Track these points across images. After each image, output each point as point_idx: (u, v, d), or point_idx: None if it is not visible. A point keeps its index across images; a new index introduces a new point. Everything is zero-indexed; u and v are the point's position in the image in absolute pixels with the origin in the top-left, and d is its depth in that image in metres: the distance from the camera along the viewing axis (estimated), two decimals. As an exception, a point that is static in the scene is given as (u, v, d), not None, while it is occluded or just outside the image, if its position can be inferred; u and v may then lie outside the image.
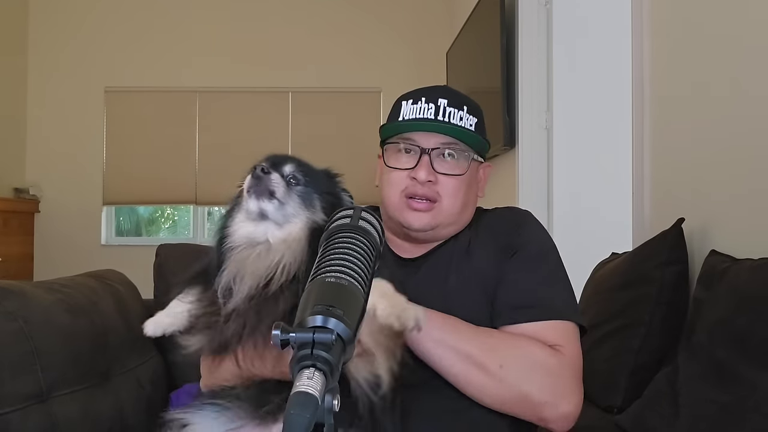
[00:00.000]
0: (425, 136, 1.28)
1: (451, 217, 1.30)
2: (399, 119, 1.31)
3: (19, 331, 1.40)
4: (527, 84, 3.28)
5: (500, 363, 1.15)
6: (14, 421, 1.34)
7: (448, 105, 1.28)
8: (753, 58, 1.71)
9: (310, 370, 0.61)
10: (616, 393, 1.79)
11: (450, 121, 1.28)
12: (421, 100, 1.30)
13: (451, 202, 1.29)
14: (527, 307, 1.22)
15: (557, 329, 1.22)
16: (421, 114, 1.29)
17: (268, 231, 1.08)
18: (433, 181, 1.28)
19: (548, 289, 1.26)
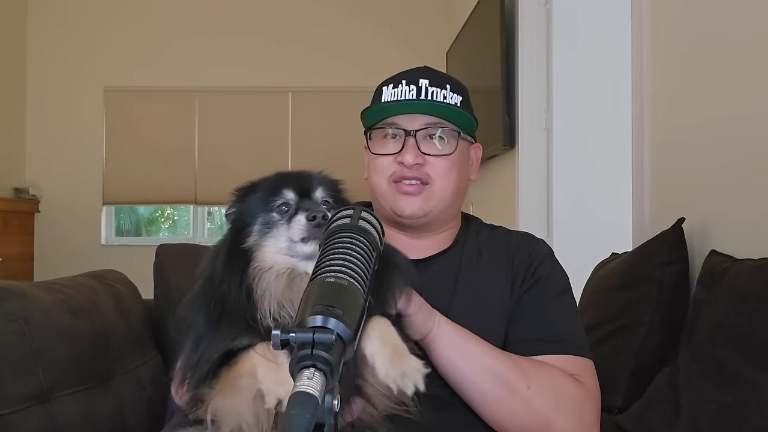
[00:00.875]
0: (408, 119, 1.23)
1: (444, 201, 1.25)
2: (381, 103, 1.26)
3: (19, 331, 1.40)
4: (527, 84, 3.27)
5: (528, 384, 1.12)
6: (15, 421, 1.34)
7: (429, 85, 1.23)
8: (753, 58, 1.71)
9: (310, 370, 0.61)
10: (616, 393, 1.79)
11: (433, 100, 1.23)
12: (402, 83, 1.25)
13: (443, 184, 1.24)
14: (550, 339, 1.20)
15: (578, 364, 1.20)
16: (402, 96, 1.24)
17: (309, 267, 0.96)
18: (422, 163, 1.22)
19: (570, 324, 1.24)
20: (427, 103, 1.22)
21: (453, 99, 1.24)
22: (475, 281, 1.26)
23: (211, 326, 0.97)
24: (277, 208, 1.02)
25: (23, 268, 5.09)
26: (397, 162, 1.23)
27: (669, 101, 2.18)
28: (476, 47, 3.93)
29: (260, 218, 1.02)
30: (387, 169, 1.24)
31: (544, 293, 1.24)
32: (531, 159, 3.25)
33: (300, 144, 5.56)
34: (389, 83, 1.27)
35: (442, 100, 1.23)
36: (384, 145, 1.26)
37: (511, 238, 1.33)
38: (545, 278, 1.25)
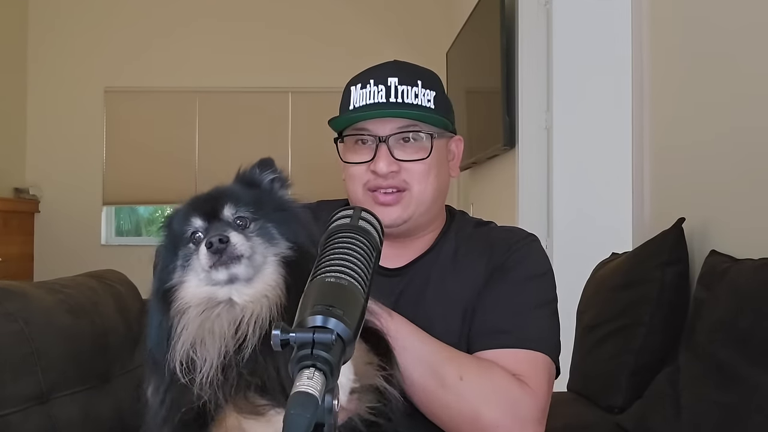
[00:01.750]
0: (379, 123, 1.16)
1: (424, 205, 1.19)
2: (350, 108, 1.19)
3: (19, 332, 1.40)
4: (527, 84, 3.28)
5: (460, 376, 1.07)
6: (14, 422, 1.34)
7: (399, 83, 1.16)
8: (753, 57, 1.71)
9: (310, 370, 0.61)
10: (617, 393, 1.79)
11: (404, 101, 1.16)
12: (370, 82, 1.17)
13: (421, 188, 1.18)
14: (500, 332, 1.14)
15: (526, 359, 1.13)
16: (371, 99, 1.17)
17: (234, 291, 0.93)
18: (397, 170, 1.17)
19: (526, 316, 1.17)
20: (398, 105, 1.16)
21: (426, 96, 1.18)
22: (446, 280, 1.21)
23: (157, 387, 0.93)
24: (190, 238, 0.96)
25: (23, 268, 5.09)
26: (371, 170, 1.17)
27: (669, 101, 2.18)
28: (476, 47, 3.93)
29: (180, 251, 0.97)
30: (361, 177, 1.19)
31: (505, 282, 1.18)
32: (531, 159, 3.26)
33: (300, 144, 5.56)
34: (357, 83, 1.20)
35: (413, 100, 1.16)
36: (356, 152, 1.20)
37: (491, 234, 1.27)
38: (511, 267, 1.19)
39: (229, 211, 0.97)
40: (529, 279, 1.20)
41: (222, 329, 0.90)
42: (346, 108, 1.21)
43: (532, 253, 1.24)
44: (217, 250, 0.91)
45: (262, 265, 0.95)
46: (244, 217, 0.97)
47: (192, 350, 0.90)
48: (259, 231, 0.97)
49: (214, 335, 0.90)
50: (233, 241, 0.92)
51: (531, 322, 1.17)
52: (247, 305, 0.92)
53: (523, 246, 1.23)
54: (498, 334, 1.15)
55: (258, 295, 0.93)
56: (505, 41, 3.37)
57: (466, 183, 4.73)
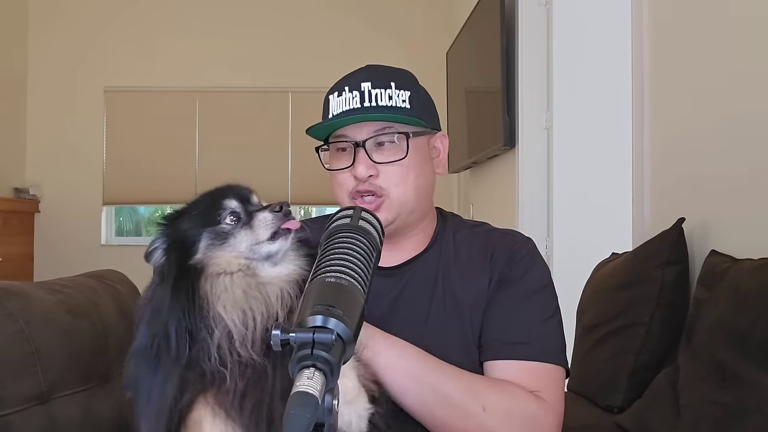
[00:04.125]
0: (356, 129, 1.18)
1: (406, 206, 1.19)
2: (329, 116, 1.21)
3: (19, 332, 1.40)
4: (527, 84, 3.28)
5: (483, 407, 1.08)
6: (14, 422, 1.34)
7: (372, 87, 1.17)
8: (754, 58, 1.71)
9: (310, 370, 0.61)
10: (616, 393, 1.79)
11: (378, 104, 1.16)
12: (345, 89, 1.19)
13: (399, 191, 1.18)
14: (517, 343, 1.16)
15: (544, 372, 1.16)
16: (347, 105, 1.18)
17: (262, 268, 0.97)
18: (375, 174, 1.17)
19: (541, 327, 1.19)
20: (371, 109, 1.16)
21: (400, 96, 1.18)
22: (452, 285, 1.21)
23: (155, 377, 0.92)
24: (225, 218, 0.98)
25: (23, 268, 5.09)
26: (352, 176, 1.18)
27: (669, 101, 2.18)
28: (476, 47, 3.93)
29: (206, 233, 0.97)
30: (346, 185, 1.20)
31: (516, 293, 1.20)
32: (531, 159, 3.26)
33: (300, 144, 5.55)
34: (334, 91, 1.22)
35: (387, 102, 1.17)
36: (337, 160, 1.21)
37: (491, 237, 1.27)
38: (519, 278, 1.21)
39: (256, 198, 1.02)
40: (538, 290, 1.22)
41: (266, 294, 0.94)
42: (325, 117, 1.22)
43: (537, 262, 1.25)
44: (286, 213, 0.96)
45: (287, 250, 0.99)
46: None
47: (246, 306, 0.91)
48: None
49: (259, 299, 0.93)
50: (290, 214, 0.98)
51: (543, 333, 1.19)
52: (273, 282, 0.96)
53: (526, 254, 1.25)
54: (512, 345, 1.16)
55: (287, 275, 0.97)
56: (505, 41, 3.37)
57: (466, 183, 4.73)
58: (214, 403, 0.89)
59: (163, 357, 0.92)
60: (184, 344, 0.90)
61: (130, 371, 0.97)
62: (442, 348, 1.15)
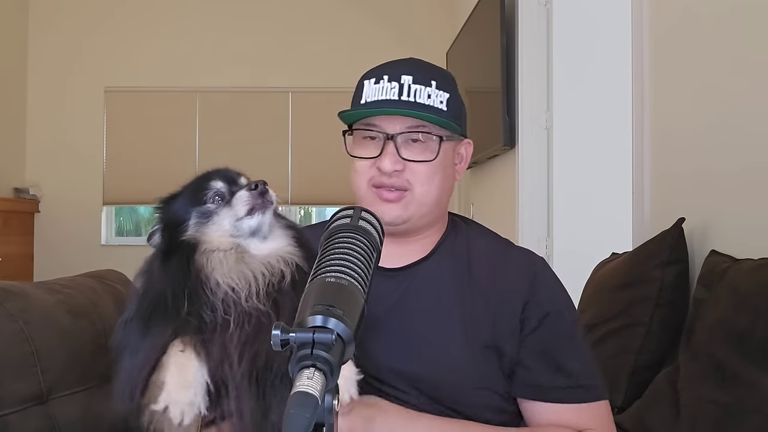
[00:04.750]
0: (389, 120, 1.14)
1: (425, 207, 1.17)
2: (361, 102, 1.18)
3: (19, 332, 1.40)
4: (527, 84, 3.28)
5: None
6: (14, 422, 1.34)
7: (413, 82, 1.14)
8: (754, 58, 1.71)
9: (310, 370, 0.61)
10: (616, 393, 1.79)
11: (416, 101, 1.13)
12: (383, 78, 1.15)
13: (424, 190, 1.16)
14: (564, 387, 1.13)
15: (593, 411, 1.14)
16: (383, 95, 1.14)
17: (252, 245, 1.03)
18: (401, 169, 1.14)
19: (584, 366, 1.17)
20: (409, 105, 1.13)
21: (439, 97, 1.15)
22: (464, 296, 1.17)
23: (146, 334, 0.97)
24: (210, 198, 1.05)
25: (23, 268, 5.09)
26: (376, 167, 1.15)
27: (669, 101, 2.18)
28: (476, 47, 3.93)
29: (194, 212, 1.04)
30: (366, 173, 1.17)
31: (555, 332, 1.16)
32: (531, 159, 3.26)
33: (300, 144, 5.56)
34: (371, 77, 1.18)
35: (425, 101, 1.14)
36: (363, 147, 1.18)
37: (508, 256, 1.23)
38: (554, 312, 1.17)
39: (245, 180, 1.08)
40: (574, 320, 1.22)
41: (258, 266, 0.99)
42: (357, 101, 1.19)
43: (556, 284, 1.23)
44: (261, 192, 1.03)
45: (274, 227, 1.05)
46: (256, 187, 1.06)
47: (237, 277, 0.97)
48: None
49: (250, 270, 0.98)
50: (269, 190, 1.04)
51: (590, 371, 1.17)
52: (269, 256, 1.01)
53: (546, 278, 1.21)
54: (564, 389, 1.14)
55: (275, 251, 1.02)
56: (505, 41, 3.37)
57: (467, 183, 4.73)
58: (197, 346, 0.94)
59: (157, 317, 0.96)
60: (182, 302, 0.96)
61: (118, 336, 1.01)
62: (443, 354, 1.13)
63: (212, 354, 0.94)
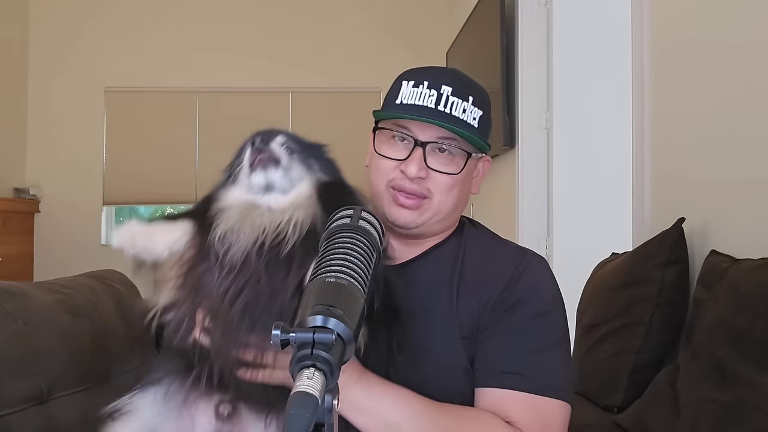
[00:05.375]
0: (422, 127, 1.15)
1: (439, 215, 1.18)
2: (396, 101, 1.18)
3: (19, 332, 1.40)
4: (527, 84, 3.28)
5: None
6: (14, 422, 1.34)
7: (452, 94, 1.15)
8: (754, 58, 1.71)
9: (310, 370, 0.62)
10: (616, 392, 1.79)
11: (451, 113, 1.14)
12: (423, 84, 1.16)
13: (441, 200, 1.17)
14: (508, 372, 1.10)
15: (531, 404, 1.09)
16: (420, 100, 1.15)
17: (272, 200, 1.04)
18: (424, 177, 1.15)
19: (537, 356, 1.12)
20: (444, 117, 1.14)
21: (473, 113, 1.17)
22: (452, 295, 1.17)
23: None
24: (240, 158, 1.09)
25: (23, 268, 5.09)
26: (400, 169, 1.16)
27: (669, 101, 2.18)
28: (476, 47, 3.93)
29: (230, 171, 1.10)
30: (388, 173, 1.17)
31: (517, 318, 1.13)
32: (531, 159, 3.26)
33: (300, 144, 5.55)
34: (411, 78, 1.19)
35: (460, 114, 1.15)
36: (390, 147, 1.18)
37: (499, 251, 1.23)
38: (522, 301, 1.15)
39: (281, 139, 1.11)
40: (541, 315, 1.15)
41: (262, 224, 1.00)
42: (392, 99, 1.20)
43: (543, 284, 1.20)
44: (258, 148, 1.06)
45: (297, 180, 1.06)
46: (291, 148, 1.10)
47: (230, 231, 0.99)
48: (302, 159, 1.10)
49: (253, 226, 1.00)
50: (272, 146, 1.08)
51: (541, 363, 1.12)
52: (287, 209, 1.02)
53: (531, 274, 1.19)
54: (504, 374, 1.11)
55: (294, 203, 1.03)
56: (505, 41, 3.37)
57: (466, 183, 4.73)
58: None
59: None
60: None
61: None
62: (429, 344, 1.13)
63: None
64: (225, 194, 1.07)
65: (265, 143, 1.07)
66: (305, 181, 1.07)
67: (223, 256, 0.98)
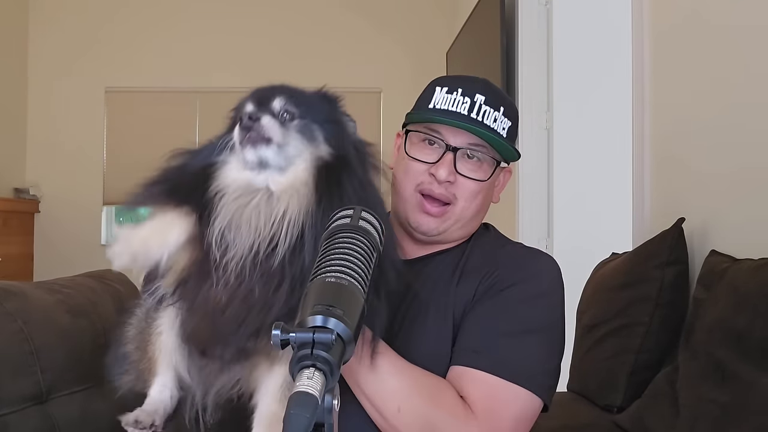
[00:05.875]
0: (454, 132, 1.18)
1: (461, 221, 1.21)
2: (429, 106, 1.20)
3: (19, 331, 1.40)
4: (527, 84, 3.28)
5: (399, 407, 1.03)
6: (13, 422, 1.34)
7: (484, 103, 1.18)
8: (754, 58, 1.71)
9: (310, 370, 0.62)
10: (616, 392, 1.79)
11: (483, 121, 1.17)
12: (457, 91, 1.19)
13: (465, 206, 1.19)
14: (474, 350, 1.09)
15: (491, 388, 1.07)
16: (454, 107, 1.18)
17: (270, 178, 0.97)
18: (453, 180, 1.18)
19: (513, 340, 1.10)
20: (477, 124, 1.17)
21: (502, 123, 1.19)
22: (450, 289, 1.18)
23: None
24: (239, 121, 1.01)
25: (23, 268, 5.09)
26: (429, 172, 1.18)
27: (669, 101, 2.18)
28: (476, 47, 3.93)
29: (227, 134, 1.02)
30: (417, 176, 1.19)
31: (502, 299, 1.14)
32: (531, 159, 3.26)
33: (300, 144, 5.55)
34: (445, 85, 1.21)
35: (491, 123, 1.18)
36: (421, 150, 1.20)
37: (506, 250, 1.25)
38: (514, 285, 1.15)
39: (279, 102, 1.01)
40: (531, 300, 1.15)
41: (258, 223, 0.94)
42: (425, 103, 1.22)
43: (546, 274, 1.20)
44: (245, 126, 0.97)
45: (295, 158, 0.98)
46: (292, 111, 1.01)
47: (227, 230, 0.94)
48: (301, 127, 1.00)
49: (249, 226, 0.94)
50: (263, 122, 0.97)
51: (514, 347, 1.10)
52: (282, 196, 0.95)
53: (533, 264, 1.21)
54: (470, 352, 1.10)
55: (296, 184, 0.96)
56: (505, 41, 3.37)
57: (466, 183, 4.73)
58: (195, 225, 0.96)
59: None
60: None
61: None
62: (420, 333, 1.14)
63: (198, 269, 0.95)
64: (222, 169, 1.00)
65: (254, 119, 0.98)
66: (303, 159, 0.98)
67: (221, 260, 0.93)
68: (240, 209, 0.95)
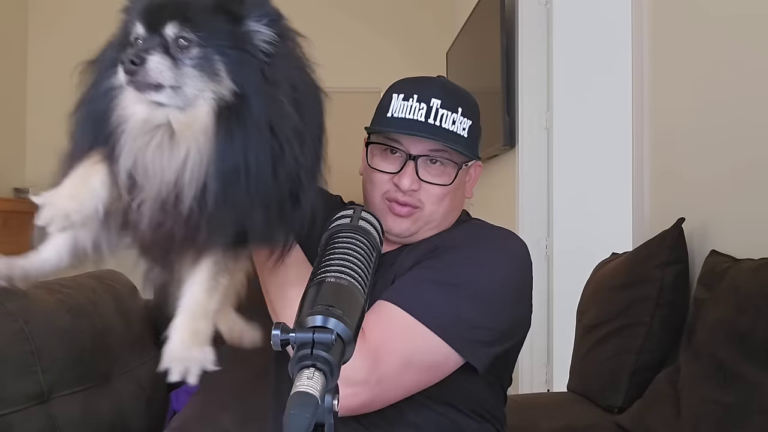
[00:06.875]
0: (413, 141, 1.18)
1: (432, 223, 1.23)
2: (387, 114, 1.21)
3: (19, 331, 1.40)
4: (527, 84, 3.28)
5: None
6: (15, 422, 1.34)
7: (441, 106, 1.18)
8: (754, 58, 1.71)
9: (310, 370, 0.62)
10: (617, 393, 1.79)
11: (441, 126, 1.18)
12: (413, 97, 1.19)
13: (433, 209, 1.21)
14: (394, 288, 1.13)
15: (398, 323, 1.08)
16: (411, 114, 1.18)
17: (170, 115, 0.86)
18: (417, 189, 1.19)
19: (434, 287, 1.11)
20: (434, 130, 1.17)
21: (462, 124, 1.19)
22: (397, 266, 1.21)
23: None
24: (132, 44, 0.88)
25: (23, 269, 5.09)
26: (393, 182, 1.20)
27: (669, 101, 2.18)
28: (476, 47, 3.93)
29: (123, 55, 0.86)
30: (382, 186, 1.21)
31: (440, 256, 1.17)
32: (531, 159, 3.26)
33: (300, 144, 5.54)
34: (401, 92, 1.22)
35: (449, 126, 1.18)
36: (383, 160, 1.22)
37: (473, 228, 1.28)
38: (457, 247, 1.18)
39: (173, 29, 0.85)
40: (468, 259, 1.16)
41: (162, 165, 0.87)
42: (383, 112, 1.23)
43: (494, 243, 1.22)
44: (128, 71, 0.84)
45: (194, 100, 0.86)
46: (189, 39, 0.85)
47: (134, 171, 0.88)
48: (200, 61, 0.85)
49: (154, 169, 0.87)
50: (150, 66, 0.83)
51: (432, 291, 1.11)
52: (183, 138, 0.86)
53: (486, 234, 1.24)
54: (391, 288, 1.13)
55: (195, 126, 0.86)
56: (505, 41, 3.37)
57: (466, 183, 4.73)
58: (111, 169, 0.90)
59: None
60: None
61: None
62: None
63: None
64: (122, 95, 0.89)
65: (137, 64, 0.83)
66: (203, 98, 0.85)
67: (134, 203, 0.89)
68: (142, 149, 0.87)
